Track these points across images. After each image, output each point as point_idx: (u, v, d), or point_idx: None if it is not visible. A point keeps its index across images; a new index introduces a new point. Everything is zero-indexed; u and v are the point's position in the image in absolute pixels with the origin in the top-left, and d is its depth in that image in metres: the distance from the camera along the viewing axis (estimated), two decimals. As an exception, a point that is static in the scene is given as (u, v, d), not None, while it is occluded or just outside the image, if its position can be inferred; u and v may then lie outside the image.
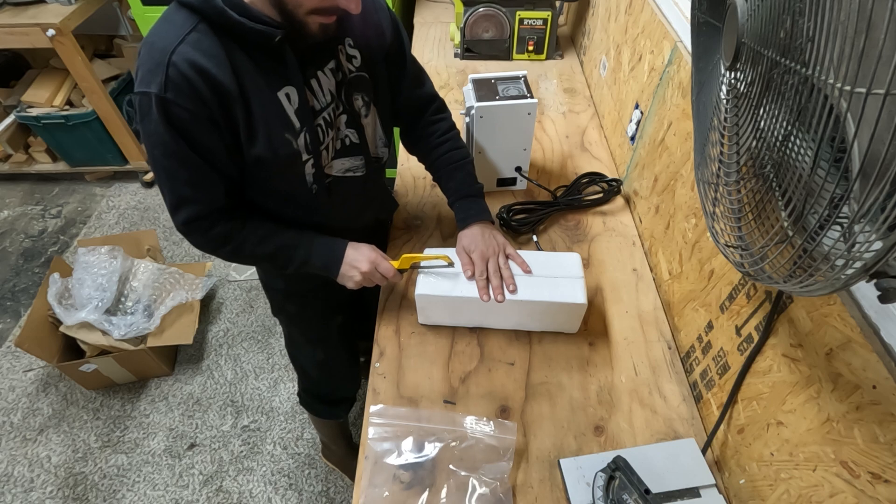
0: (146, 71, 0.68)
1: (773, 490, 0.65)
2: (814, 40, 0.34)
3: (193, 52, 0.67)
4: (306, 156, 0.82)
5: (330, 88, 0.82)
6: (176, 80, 0.67)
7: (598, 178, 1.22)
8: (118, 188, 2.51)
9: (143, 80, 0.68)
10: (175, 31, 0.68)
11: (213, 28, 0.69)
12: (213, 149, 0.75)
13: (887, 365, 0.48)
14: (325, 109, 0.82)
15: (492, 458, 0.77)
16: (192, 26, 0.68)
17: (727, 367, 0.76)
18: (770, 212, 0.45)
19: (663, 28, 1.00)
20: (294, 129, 0.78)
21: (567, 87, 1.58)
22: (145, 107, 0.69)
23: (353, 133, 0.89)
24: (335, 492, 1.52)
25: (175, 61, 0.67)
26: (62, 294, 1.63)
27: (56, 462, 1.59)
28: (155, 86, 0.67)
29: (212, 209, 0.80)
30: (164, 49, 0.67)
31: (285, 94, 0.76)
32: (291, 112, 0.77)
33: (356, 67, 0.84)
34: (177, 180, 0.77)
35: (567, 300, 0.86)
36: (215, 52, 0.69)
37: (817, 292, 0.38)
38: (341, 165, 0.90)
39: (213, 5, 0.67)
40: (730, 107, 0.51)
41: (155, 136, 0.71)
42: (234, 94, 0.71)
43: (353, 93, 0.85)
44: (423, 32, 1.85)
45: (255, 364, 1.82)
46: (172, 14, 0.70)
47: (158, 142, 0.72)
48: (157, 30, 0.70)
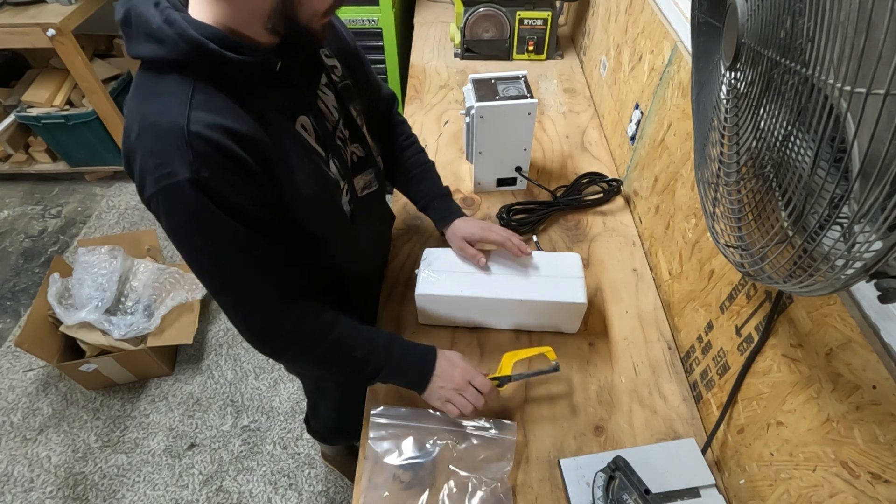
0: (160, 158, 0.56)
1: (773, 490, 0.65)
2: (814, 40, 0.34)
3: (209, 114, 0.57)
4: (343, 182, 0.76)
5: (334, 105, 0.76)
6: (205, 152, 0.56)
7: (598, 178, 1.22)
8: (118, 188, 2.51)
9: (161, 170, 0.56)
10: (175, 101, 0.57)
11: (211, 81, 0.59)
12: (266, 217, 0.65)
13: (887, 365, 0.48)
14: (337, 128, 0.76)
15: (492, 458, 0.77)
16: (190, 88, 0.57)
17: (727, 367, 0.76)
18: (770, 212, 0.45)
19: (663, 28, 1.00)
20: (323, 158, 0.72)
21: (567, 87, 1.58)
22: (174, 199, 0.58)
23: (359, 147, 0.82)
24: (335, 492, 1.52)
25: (196, 132, 0.56)
26: (62, 294, 1.63)
27: (56, 462, 1.59)
28: (182, 170, 0.56)
29: (285, 294, 0.69)
30: (174, 125, 0.56)
31: (300, 125, 0.68)
32: (313, 141, 0.70)
33: (340, 77, 0.78)
34: (236, 272, 0.65)
35: (567, 300, 0.86)
36: (228, 105, 0.59)
37: (817, 292, 0.38)
38: (360, 183, 0.83)
39: (208, 53, 0.56)
40: (730, 107, 0.51)
41: (197, 228, 0.60)
42: (265, 142, 0.62)
43: (348, 104, 0.79)
44: (423, 32, 1.85)
45: (255, 364, 1.82)
46: (154, 84, 0.59)
47: (203, 234, 0.61)
48: (150, 108, 0.58)
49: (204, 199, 0.58)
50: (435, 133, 1.40)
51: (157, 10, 0.57)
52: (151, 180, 0.57)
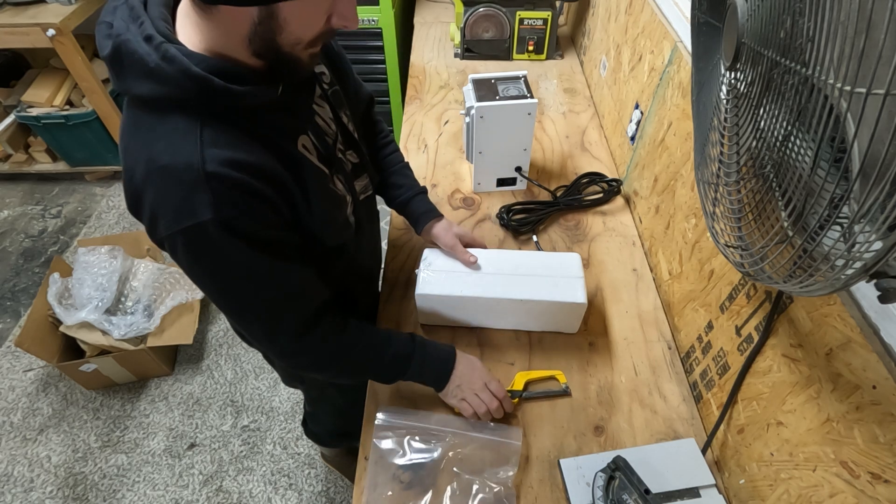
0: (177, 200, 0.55)
1: (773, 490, 0.65)
2: (814, 40, 0.34)
3: (222, 150, 0.55)
4: (347, 196, 0.76)
5: (330, 117, 0.75)
6: (225, 191, 0.55)
7: (598, 178, 1.22)
8: (118, 188, 2.51)
9: (181, 214, 0.55)
10: (185, 141, 0.55)
11: (216, 115, 0.57)
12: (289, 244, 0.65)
13: (887, 365, 0.48)
14: (336, 141, 0.75)
15: (496, 462, 0.77)
16: (197, 125, 0.55)
17: (727, 368, 0.76)
18: (770, 212, 0.45)
19: (663, 28, 1.00)
20: (328, 176, 0.71)
21: (567, 87, 1.58)
22: (197, 240, 0.56)
23: (353, 153, 0.81)
24: (335, 492, 1.52)
25: (213, 171, 0.54)
26: (62, 294, 1.63)
27: (56, 462, 1.59)
28: (204, 211, 0.54)
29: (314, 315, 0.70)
30: (189, 166, 0.54)
31: (302, 145, 0.66)
32: (316, 160, 0.68)
33: (329, 84, 0.76)
34: (270, 303, 0.65)
35: (567, 300, 0.86)
36: (237, 138, 0.57)
37: (817, 292, 0.38)
38: (358, 188, 0.83)
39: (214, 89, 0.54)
40: (730, 107, 0.51)
41: (226, 267, 0.60)
42: (276, 169, 0.60)
43: (339, 110, 0.77)
44: (423, 32, 1.85)
45: (255, 364, 1.82)
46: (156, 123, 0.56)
47: (230, 272, 0.61)
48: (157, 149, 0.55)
49: (229, 238, 0.57)
50: (435, 133, 1.40)
51: (151, 45, 0.53)
52: (167, 222, 0.56)
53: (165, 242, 0.58)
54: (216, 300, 0.65)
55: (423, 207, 0.98)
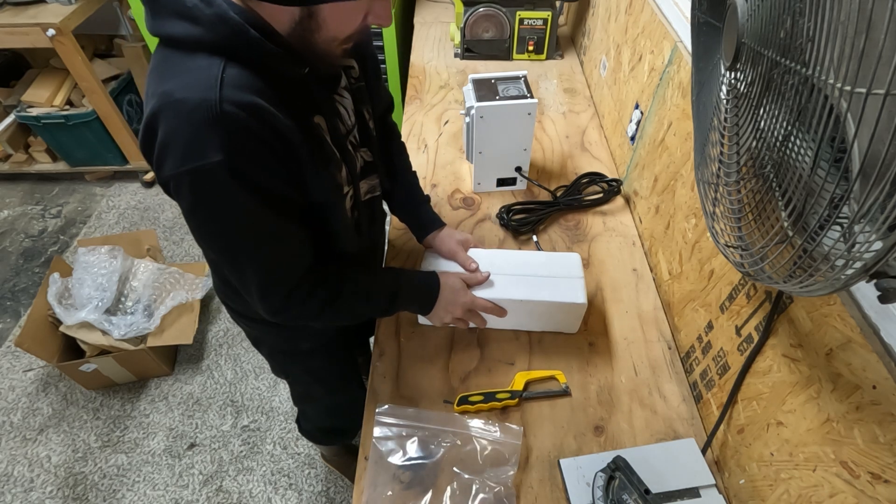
0: (188, 137, 0.54)
1: (773, 490, 0.65)
2: (814, 40, 0.34)
3: (241, 92, 0.54)
4: (347, 188, 0.75)
5: (351, 108, 0.75)
6: (239, 134, 0.54)
7: (598, 178, 1.22)
8: (118, 188, 2.51)
9: (191, 152, 0.54)
10: (204, 76, 0.54)
11: (242, 63, 0.56)
12: (293, 201, 0.65)
13: (887, 365, 0.48)
14: (350, 132, 0.75)
15: (496, 461, 0.77)
16: (221, 65, 0.54)
17: (727, 368, 0.76)
18: (770, 212, 0.45)
19: (663, 28, 1.00)
20: (336, 161, 0.71)
21: (567, 87, 1.58)
22: (203, 181, 0.55)
23: (367, 151, 0.81)
24: (335, 492, 1.52)
25: (229, 112, 0.53)
26: (62, 294, 1.63)
27: (56, 462, 1.59)
28: (215, 152, 0.53)
29: (305, 273, 0.70)
30: (205, 103, 0.52)
31: (317, 122, 0.66)
32: (328, 139, 0.69)
33: (356, 78, 0.77)
34: (266, 256, 0.65)
35: (567, 300, 0.86)
36: (258, 85, 0.56)
37: (817, 292, 0.38)
38: (364, 188, 0.83)
39: (247, 39, 0.54)
40: (730, 107, 0.51)
41: (230, 213, 0.59)
42: (292, 132, 0.60)
43: (361, 106, 0.78)
44: (423, 32, 1.85)
45: (255, 364, 1.82)
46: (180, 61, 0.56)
47: (237, 219, 0.60)
48: (176, 83, 0.54)
49: (235, 183, 0.56)
50: (435, 133, 1.40)
51: None
52: (175, 160, 0.54)
53: (171, 182, 0.57)
54: (212, 245, 0.65)
55: (428, 217, 0.99)
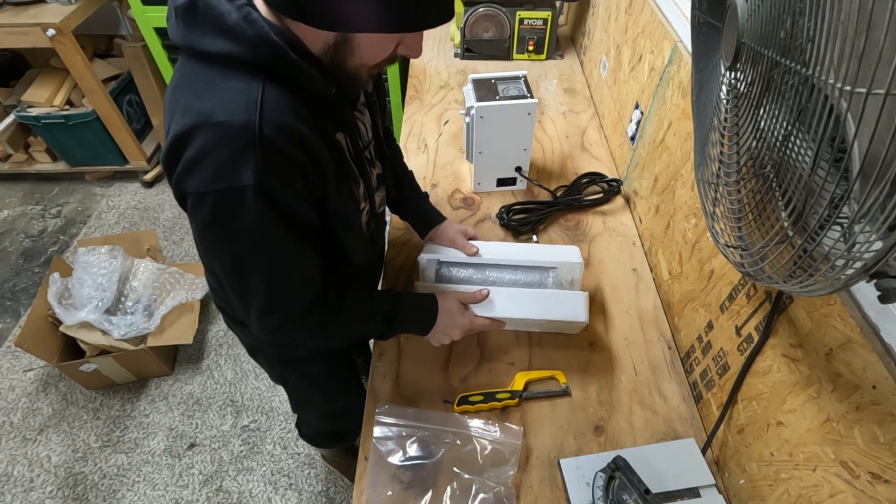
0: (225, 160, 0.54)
1: (773, 490, 0.65)
2: (814, 40, 0.34)
3: (282, 115, 0.55)
4: (364, 203, 0.75)
5: (369, 124, 0.76)
6: (275, 159, 0.55)
7: (598, 178, 1.22)
8: (118, 188, 2.51)
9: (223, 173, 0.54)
10: (243, 99, 0.54)
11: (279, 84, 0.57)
12: (313, 226, 0.65)
13: (887, 365, 0.48)
14: (367, 147, 0.76)
15: (497, 461, 0.77)
16: (260, 86, 0.55)
17: (727, 368, 0.76)
18: (770, 212, 0.45)
19: (663, 28, 1.00)
20: (354, 177, 0.71)
21: (567, 87, 1.58)
22: (231, 205, 0.56)
23: (379, 165, 0.83)
24: (335, 492, 1.52)
25: (268, 136, 0.53)
26: (62, 294, 1.63)
27: (56, 462, 1.59)
28: (247, 175, 0.54)
29: (308, 299, 0.70)
30: (246, 125, 0.53)
31: (339, 139, 0.67)
32: (349, 157, 0.69)
33: (371, 93, 0.79)
34: (275, 278, 0.65)
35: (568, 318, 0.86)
36: (294, 106, 0.57)
37: (817, 292, 0.38)
38: (378, 200, 0.84)
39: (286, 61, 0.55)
40: (730, 107, 0.51)
41: (248, 235, 0.59)
42: (322, 151, 0.60)
43: (377, 121, 0.79)
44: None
45: (255, 364, 1.82)
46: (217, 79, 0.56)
47: (253, 242, 0.60)
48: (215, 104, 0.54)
49: (260, 207, 0.56)
50: (435, 133, 1.40)
51: (233, 4, 0.54)
52: (203, 178, 0.55)
53: (191, 197, 0.57)
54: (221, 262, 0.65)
55: (429, 212, 1.01)
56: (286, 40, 0.55)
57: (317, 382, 1.07)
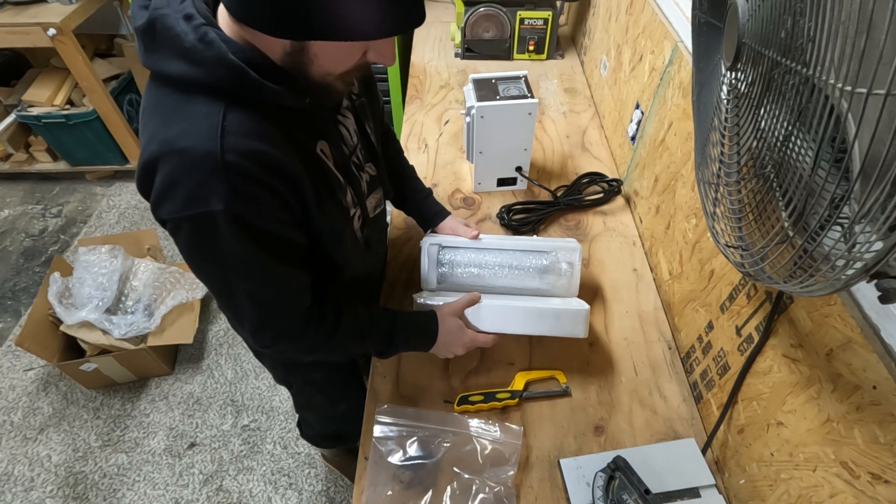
0: (190, 185, 0.53)
1: (773, 490, 0.65)
2: (815, 40, 0.34)
3: (244, 140, 0.54)
4: (353, 209, 0.74)
5: (354, 128, 0.74)
6: (241, 184, 0.54)
7: (599, 178, 1.22)
8: (119, 187, 2.51)
9: (192, 200, 0.53)
10: (206, 125, 0.53)
11: (242, 105, 0.55)
12: (296, 245, 0.64)
13: (887, 365, 0.48)
14: (353, 153, 0.74)
15: (497, 461, 0.77)
16: (221, 111, 0.53)
17: (727, 368, 0.76)
18: (770, 212, 0.45)
19: (664, 28, 1.00)
20: (341, 186, 0.70)
21: (567, 87, 1.58)
22: (206, 229, 0.55)
23: (372, 166, 0.81)
24: (335, 491, 1.52)
25: (232, 162, 0.52)
26: (62, 293, 1.63)
27: (56, 461, 1.59)
28: (216, 202, 0.53)
29: (301, 314, 0.69)
30: (207, 153, 0.52)
31: (320, 150, 0.65)
32: (332, 167, 0.68)
33: (357, 95, 0.77)
34: (262, 298, 0.64)
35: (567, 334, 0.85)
36: (260, 128, 0.55)
37: (818, 293, 0.38)
38: (371, 204, 0.82)
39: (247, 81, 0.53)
40: (730, 107, 0.51)
41: (228, 258, 0.58)
42: (295, 165, 0.58)
43: (364, 122, 0.77)
44: (424, 32, 1.85)
45: (256, 363, 1.82)
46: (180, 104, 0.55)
47: (234, 264, 0.59)
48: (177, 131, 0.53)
49: (237, 231, 0.56)
50: (435, 133, 1.40)
51: (190, 24, 0.52)
52: (174, 205, 0.54)
53: (168, 223, 0.57)
54: (207, 282, 0.65)
55: (434, 208, 1.01)
56: (247, 59, 0.53)
57: (319, 387, 1.07)
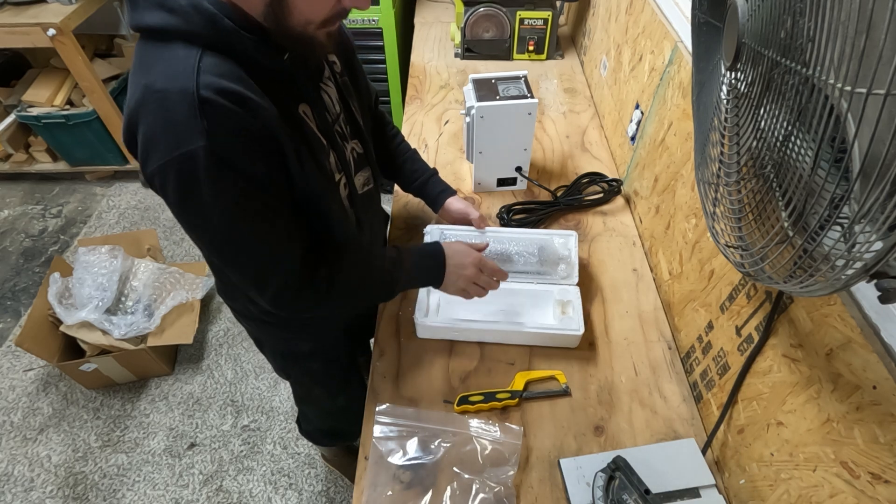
0: (170, 127, 0.54)
1: (773, 490, 0.65)
2: (814, 40, 0.34)
3: (218, 79, 0.55)
4: (338, 175, 0.74)
5: (336, 98, 0.75)
6: (220, 120, 0.54)
7: (599, 178, 1.22)
8: (118, 188, 2.51)
9: (175, 141, 0.54)
10: (182, 66, 0.54)
11: (217, 50, 0.56)
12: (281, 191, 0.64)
13: (887, 365, 0.48)
14: (336, 122, 0.75)
15: (497, 461, 0.77)
16: (198, 53, 0.55)
17: (727, 368, 0.76)
18: (770, 212, 0.45)
19: (664, 28, 1.00)
20: (324, 148, 0.70)
21: (567, 87, 1.58)
22: (189, 167, 0.55)
23: (358, 143, 0.82)
24: (335, 491, 1.52)
25: (207, 98, 0.53)
26: (62, 293, 1.63)
27: (56, 461, 1.59)
28: (198, 138, 0.53)
29: (298, 260, 0.68)
30: (183, 91, 0.53)
31: (302, 112, 0.67)
32: (314, 129, 0.68)
33: (339, 73, 0.78)
34: (259, 244, 0.64)
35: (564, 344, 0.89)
36: (237, 74, 0.57)
37: (818, 293, 0.38)
38: (360, 181, 0.82)
39: (222, 28, 0.55)
40: (730, 107, 0.51)
41: (218, 200, 0.58)
42: (275, 122, 0.59)
43: (349, 99, 0.78)
44: (424, 32, 1.85)
45: (255, 364, 1.82)
46: (158, 52, 0.56)
47: (224, 207, 0.59)
48: (155, 75, 0.55)
49: (220, 167, 0.56)
50: (435, 133, 1.40)
51: None
52: (159, 152, 0.55)
53: (157, 176, 0.57)
54: (203, 238, 0.65)
55: (439, 187, 1.04)
56: (222, 9, 0.55)
57: (318, 378, 1.07)
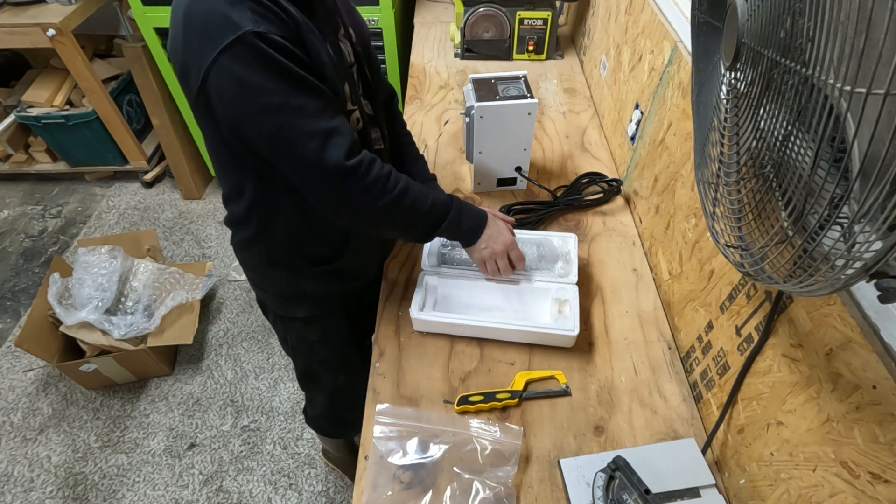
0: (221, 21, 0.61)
1: (773, 490, 0.65)
2: (814, 40, 0.34)
3: None
4: (351, 107, 0.80)
5: (351, 52, 0.82)
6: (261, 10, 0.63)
7: (599, 178, 1.22)
8: (118, 188, 2.51)
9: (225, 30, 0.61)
10: None
11: None
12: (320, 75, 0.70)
13: (887, 365, 0.48)
14: (351, 68, 0.82)
15: (497, 461, 0.77)
16: None
17: (727, 367, 0.76)
18: (770, 212, 0.45)
19: (663, 28, 1.00)
20: (342, 74, 0.76)
21: (567, 87, 1.58)
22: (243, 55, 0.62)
23: (368, 104, 0.88)
24: (335, 492, 1.52)
25: None
26: (62, 294, 1.63)
27: (56, 462, 1.59)
28: (245, 22, 0.61)
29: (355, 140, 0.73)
30: None
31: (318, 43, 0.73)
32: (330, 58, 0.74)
33: (354, 43, 0.85)
34: (314, 113, 0.68)
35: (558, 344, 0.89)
36: None
37: (817, 292, 0.38)
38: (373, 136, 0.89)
39: None
40: (730, 107, 0.51)
41: (273, 77, 0.64)
42: (303, 24, 0.67)
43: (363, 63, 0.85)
44: (423, 32, 1.85)
45: (255, 364, 1.82)
46: None
47: (276, 80, 0.65)
48: None
49: (268, 46, 0.62)
50: (435, 133, 1.40)
51: None
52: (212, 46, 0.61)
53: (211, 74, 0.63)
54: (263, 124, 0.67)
55: None
56: None
57: (315, 349, 1.07)
